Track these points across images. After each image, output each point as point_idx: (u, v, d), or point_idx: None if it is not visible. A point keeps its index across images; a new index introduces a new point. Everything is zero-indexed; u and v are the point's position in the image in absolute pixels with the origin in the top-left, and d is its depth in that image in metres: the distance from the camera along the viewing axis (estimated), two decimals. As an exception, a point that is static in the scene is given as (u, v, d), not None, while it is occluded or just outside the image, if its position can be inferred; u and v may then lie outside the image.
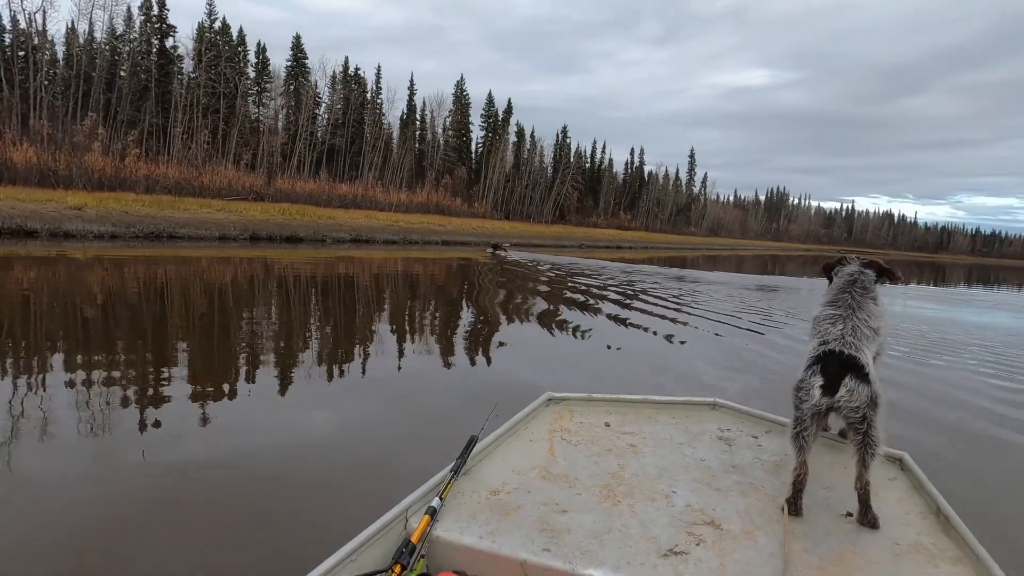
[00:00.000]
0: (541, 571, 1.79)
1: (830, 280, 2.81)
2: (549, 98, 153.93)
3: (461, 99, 74.82)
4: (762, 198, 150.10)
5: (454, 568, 1.83)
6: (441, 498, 2.02)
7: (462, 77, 75.77)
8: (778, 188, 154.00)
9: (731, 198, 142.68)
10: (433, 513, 1.94)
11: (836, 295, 2.59)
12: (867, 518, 2.09)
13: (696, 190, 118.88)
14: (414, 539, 1.82)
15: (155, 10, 49.35)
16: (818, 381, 2.22)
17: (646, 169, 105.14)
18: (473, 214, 60.08)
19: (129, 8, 48.11)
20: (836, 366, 2.23)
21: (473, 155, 77.50)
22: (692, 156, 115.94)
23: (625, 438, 2.79)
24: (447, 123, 75.07)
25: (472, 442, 2.38)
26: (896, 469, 2.58)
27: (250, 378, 5.83)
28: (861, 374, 2.20)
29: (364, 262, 20.44)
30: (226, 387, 5.48)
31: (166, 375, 5.66)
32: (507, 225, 45.81)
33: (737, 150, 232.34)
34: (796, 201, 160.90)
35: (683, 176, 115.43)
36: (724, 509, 2.16)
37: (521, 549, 1.85)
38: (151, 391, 5.19)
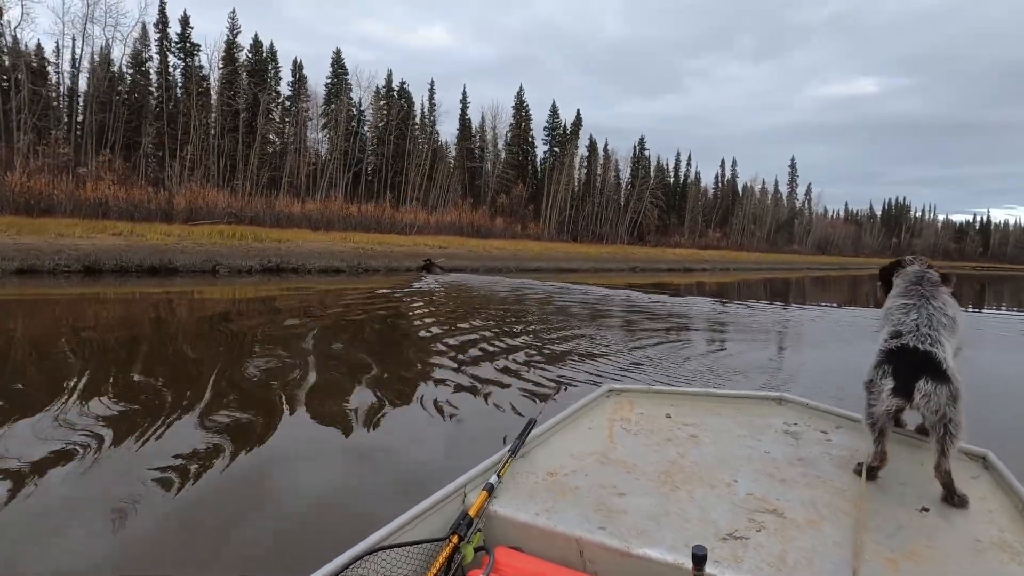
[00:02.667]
0: (596, 548, 1.76)
1: (887, 284, 2.59)
2: (642, 119, 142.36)
3: (521, 111, 66.59)
4: (878, 211, 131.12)
5: (509, 543, 1.84)
6: (499, 476, 1.98)
7: (521, 88, 67.54)
8: (896, 200, 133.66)
9: (841, 213, 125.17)
10: (491, 490, 1.91)
11: (907, 287, 2.40)
12: (955, 500, 1.97)
13: (799, 203, 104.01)
14: (471, 513, 1.81)
15: (173, 27, 44.83)
16: (888, 384, 2.06)
17: (739, 182, 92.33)
18: (527, 235, 51.30)
19: (144, 27, 43.64)
20: (909, 366, 2.04)
21: (539, 172, 68.91)
22: (793, 165, 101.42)
23: (686, 429, 2.63)
24: (508, 137, 67.10)
25: (530, 425, 2.32)
26: (979, 467, 2.36)
27: None
28: (938, 372, 2.01)
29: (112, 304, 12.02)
30: None
31: None
32: (536, 245, 36.32)
33: (847, 163, 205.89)
34: (919, 214, 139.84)
35: (783, 189, 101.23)
36: (788, 499, 2.02)
37: (577, 527, 1.81)
38: None
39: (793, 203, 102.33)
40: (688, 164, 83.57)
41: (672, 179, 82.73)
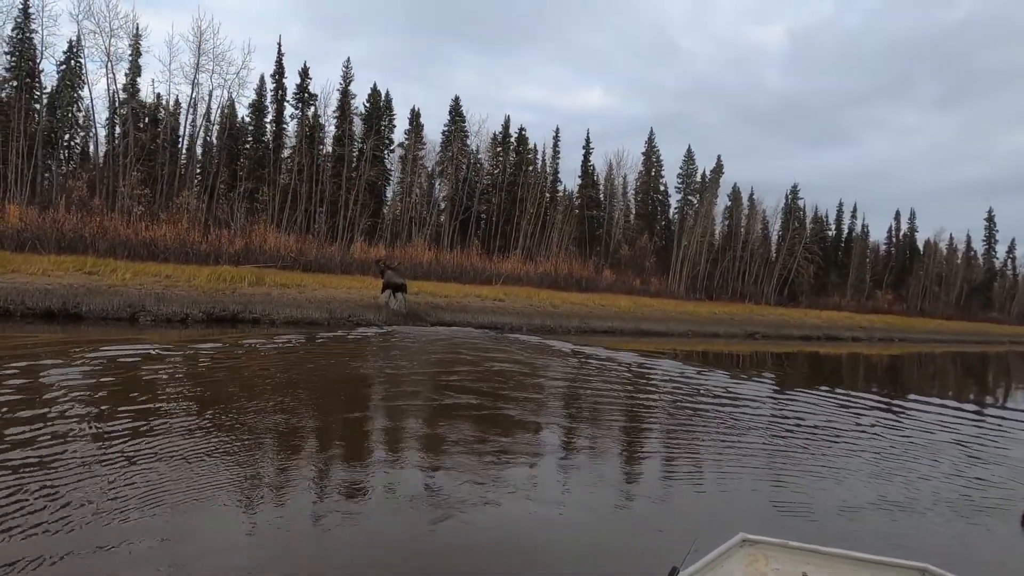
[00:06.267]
0: None
1: None
2: (803, 172, 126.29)
3: (651, 158, 59.21)
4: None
5: None
6: None
7: (651, 132, 60.23)
8: None
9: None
10: None
11: None
12: None
13: (998, 263, 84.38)
14: None
15: (291, 78, 43.94)
16: None
17: (918, 237, 76.38)
18: (645, 291, 43.36)
19: (262, 78, 42.99)
20: None
21: (671, 223, 60.70)
22: (990, 219, 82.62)
23: None
24: (637, 185, 59.90)
25: (674, 572, 2.28)
26: None
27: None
28: None
29: None
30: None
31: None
32: (627, 301, 28.30)
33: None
34: None
35: (977, 247, 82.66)
36: None
37: None
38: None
39: (991, 262, 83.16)
40: (853, 216, 70.28)
41: (832, 232, 69.95)
